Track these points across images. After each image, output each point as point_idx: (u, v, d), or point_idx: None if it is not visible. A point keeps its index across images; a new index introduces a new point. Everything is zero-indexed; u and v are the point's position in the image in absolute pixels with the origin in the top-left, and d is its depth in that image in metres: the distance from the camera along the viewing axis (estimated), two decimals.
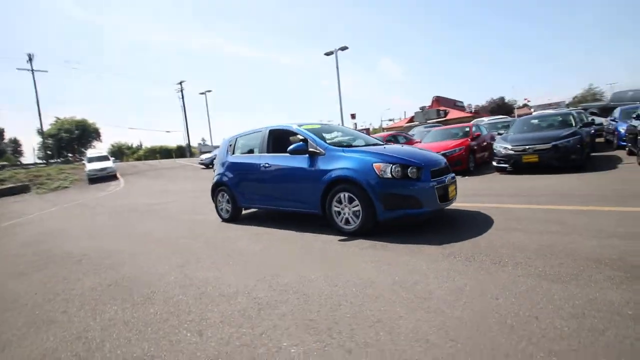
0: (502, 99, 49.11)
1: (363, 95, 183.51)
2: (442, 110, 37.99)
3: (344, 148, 4.33)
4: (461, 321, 1.89)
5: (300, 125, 4.80)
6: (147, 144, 58.84)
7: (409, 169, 3.75)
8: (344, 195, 3.99)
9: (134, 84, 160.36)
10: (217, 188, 5.97)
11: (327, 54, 22.76)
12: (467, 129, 10.15)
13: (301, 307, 2.27)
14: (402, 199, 3.71)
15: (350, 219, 4.00)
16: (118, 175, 19.55)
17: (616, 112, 10.53)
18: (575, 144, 7.44)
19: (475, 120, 17.64)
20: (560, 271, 2.42)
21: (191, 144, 44.79)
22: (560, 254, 2.73)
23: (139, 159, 46.43)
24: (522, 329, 1.75)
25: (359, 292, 2.43)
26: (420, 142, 11.47)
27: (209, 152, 29.55)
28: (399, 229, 4.00)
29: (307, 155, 4.42)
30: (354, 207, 3.93)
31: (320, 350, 1.76)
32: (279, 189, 4.87)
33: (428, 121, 36.32)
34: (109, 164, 19.62)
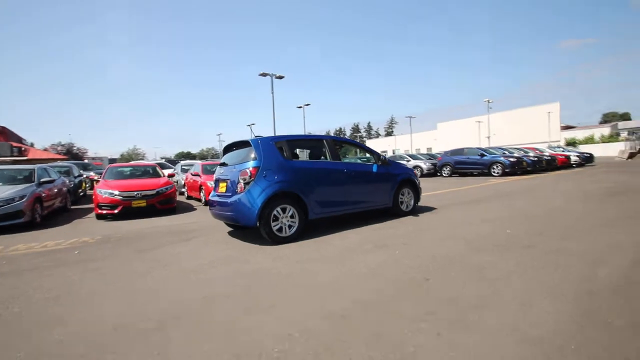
0: (71, 144, 47.17)
1: None
2: (17, 147, 29.48)
3: (391, 160, 6.66)
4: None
5: None
6: None
7: None
8: (407, 190, 6.50)
9: None
10: (273, 201, 4.71)
11: None
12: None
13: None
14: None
15: (408, 204, 6.54)
16: None
17: None
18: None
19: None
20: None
21: None
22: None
23: None
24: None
25: (464, 222, 6.01)
26: None
27: None
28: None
29: (381, 163, 6.15)
30: (409, 196, 6.57)
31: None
32: (360, 192, 5.82)
33: (1, 158, 27.34)
34: None
